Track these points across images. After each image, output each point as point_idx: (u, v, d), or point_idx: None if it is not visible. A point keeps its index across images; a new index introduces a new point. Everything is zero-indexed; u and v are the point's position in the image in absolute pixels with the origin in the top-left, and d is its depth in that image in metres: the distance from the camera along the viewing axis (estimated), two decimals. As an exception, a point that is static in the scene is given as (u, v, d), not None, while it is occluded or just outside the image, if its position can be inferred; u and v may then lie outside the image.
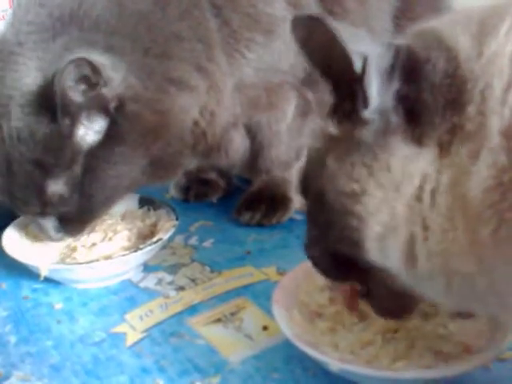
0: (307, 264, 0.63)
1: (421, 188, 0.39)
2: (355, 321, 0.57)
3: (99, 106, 0.66)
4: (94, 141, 0.67)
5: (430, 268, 0.40)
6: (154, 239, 0.73)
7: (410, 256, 0.40)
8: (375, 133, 0.41)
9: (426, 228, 0.39)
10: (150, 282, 0.73)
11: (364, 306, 0.58)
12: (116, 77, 0.66)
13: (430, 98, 0.39)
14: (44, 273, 0.70)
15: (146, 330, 0.64)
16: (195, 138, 0.76)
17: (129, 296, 0.71)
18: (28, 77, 0.65)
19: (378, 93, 0.40)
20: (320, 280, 0.62)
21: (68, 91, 0.62)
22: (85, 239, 0.76)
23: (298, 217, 0.88)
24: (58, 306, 0.70)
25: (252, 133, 0.86)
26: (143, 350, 0.61)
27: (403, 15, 0.90)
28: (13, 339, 0.64)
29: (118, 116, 0.67)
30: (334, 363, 0.51)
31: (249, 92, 0.81)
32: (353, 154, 0.42)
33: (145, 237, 0.77)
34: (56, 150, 0.65)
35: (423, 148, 0.39)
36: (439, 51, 0.40)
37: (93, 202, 0.70)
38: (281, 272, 0.72)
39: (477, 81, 0.38)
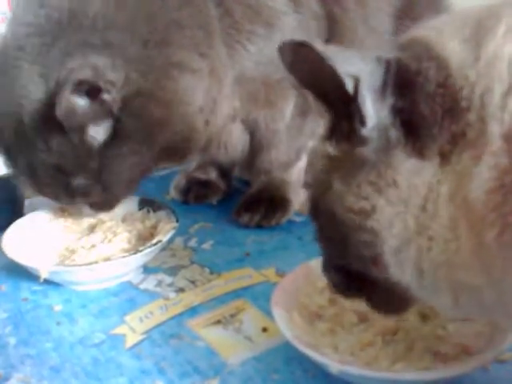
0: (307, 265, 0.64)
1: (426, 199, 0.39)
2: (355, 322, 0.57)
3: (104, 112, 0.67)
4: (102, 140, 0.68)
5: (436, 281, 0.40)
6: (154, 241, 0.73)
7: (418, 268, 0.40)
8: (377, 150, 0.41)
9: (430, 238, 0.39)
10: (150, 283, 0.73)
11: (363, 307, 0.58)
12: (117, 78, 0.66)
13: (427, 109, 0.39)
14: (44, 275, 0.70)
15: (146, 332, 0.64)
16: (201, 127, 0.77)
17: (128, 298, 0.71)
18: (32, 83, 0.66)
19: (373, 111, 0.40)
20: (320, 281, 0.62)
21: (70, 107, 0.63)
22: (84, 241, 0.76)
23: (298, 218, 0.88)
24: (58, 307, 0.70)
25: (250, 131, 0.86)
26: (143, 351, 0.61)
27: (403, 15, 0.90)
28: (12, 341, 0.64)
29: (122, 115, 0.68)
30: (334, 365, 0.51)
31: (248, 86, 0.81)
32: (357, 174, 0.42)
33: (144, 239, 0.77)
34: (70, 155, 0.68)
35: (426, 160, 0.39)
36: (429, 61, 0.40)
37: (114, 192, 0.73)
38: (280, 273, 0.72)
39: (474, 86, 0.38)
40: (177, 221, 0.77)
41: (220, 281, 0.72)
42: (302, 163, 0.90)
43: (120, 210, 0.81)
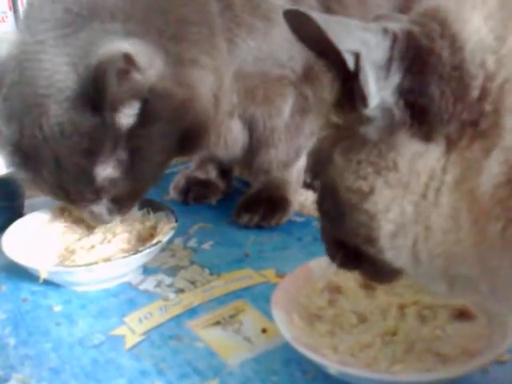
0: (306, 266, 0.64)
1: (427, 185, 0.37)
2: (354, 323, 0.57)
3: (135, 92, 0.67)
4: (132, 123, 0.69)
5: (432, 270, 0.39)
6: (154, 242, 0.73)
7: (414, 256, 0.39)
8: (380, 130, 0.39)
9: (427, 228, 0.38)
10: (150, 284, 0.73)
11: (363, 308, 0.58)
12: (145, 61, 0.67)
13: (437, 92, 0.36)
14: (43, 275, 0.70)
15: (145, 333, 0.64)
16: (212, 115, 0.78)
17: (128, 298, 0.71)
18: (59, 73, 0.66)
19: (376, 89, 0.37)
20: (319, 283, 0.62)
21: (109, 84, 0.64)
22: (84, 241, 0.76)
23: (298, 219, 0.88)
24: (58, 308, 0.70)
25: (249, 128, 0.86)
26: (142, 352, 0.61)
27: (402, 12, 0.90)
28: (12, 341, 0.64)
29: (150, 97, 0.69)
30: (333, 366, 0.51)
31: (246, 82, 0.81)
32: (359, 152, 0.40)
33: (144, 239, 0.77)
34: (100, 138, 0.67)
35: (431, 144, 0.37)
36: (443, 39, 0.36)
37: (143, 179, 0.73)
38: (280, 274, 0.72)
39: (494, 74, 0.35)
40: (176, 221, 0.77)
41: (220, 281, 0.72)
42: (302, 163, 0.90)
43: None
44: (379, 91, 0.37)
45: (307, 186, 0.93)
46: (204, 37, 0.75)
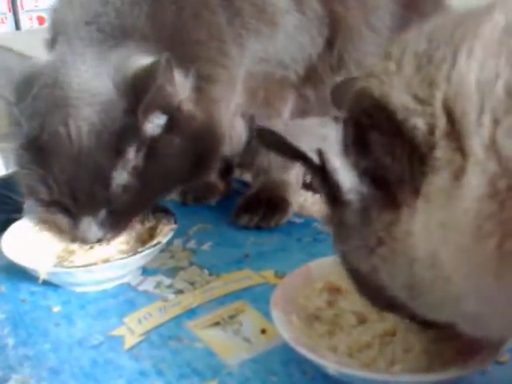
0: (306, 267, 0.64)
1: (408, 246, 0.39)
2: (353, 324, 0.57)
3: (167, 104, 0.70)
4: (155, 133, 0.71)
5: (447, 317, 0.41)
6: (153, 242, 0.73)
7: (431, 308, 0.41)
8: (357, 212, 0.41)
9: (420, 284, 0.39)
10: (149, 285, 0.73)
11: (362, 309, 0.58)
12: (177, 78, 0.70)
13: (389, 160, 0.39)
14: (42, 276, 0.70)
15: (145, 334, 0.64)
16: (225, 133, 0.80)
17: (127, 299, 0.71)
18: (95, 81, 0.69)
19: (344, 175, 0.41)
20: (318, 283, 0.62)
21: (150, 87, 0.66)
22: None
23: (297, 220, 0.88)
24: (56, 309, 0.70)
25: (249, 128, 0.86)
26: (141, 353, 0.61)
27: (405, 12, 0.90)
28: (11, 342, 0.64)
29: (177, 113, 0.71)
30: (332, 366, 0.51)
31: (250, 82, 0.82)
32: (349, 240, 0.43)
33: (143, 240, 0.77)
34: (128, 139, 0.69)
35: (400, 208, 0.39)
36: (378, 114, 0.40)
37: (151, 191, 0.73)
38: (279, 275, 0.72)
39: (433, 125, 0.37)
40: (175, 222, 0.77)
41: (219, 282, 0.72)
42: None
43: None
44: (347, 177, 0.41)
45: (307, 186, 0.93)
46: (216, 51, 0.77)
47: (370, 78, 0.43)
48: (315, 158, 0.40)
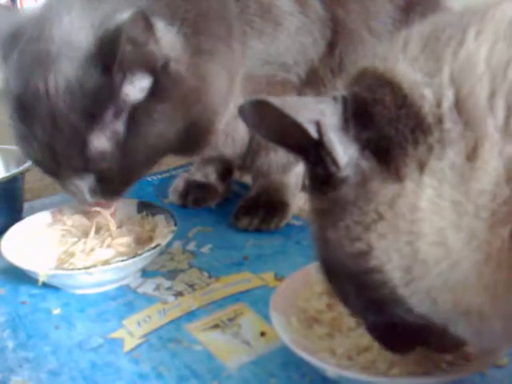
0: (305, 270, 0.64)
1: (412, 221, 0.38)
2: (352, 327, 0.57)
3: (148, 63, 0.67)
4: (138, 98, 0.68)
5: (446, 308, 0.38)
6: (153, 245, 0.73)
7: (429, 296, 0.39)
8: (354, 187, 0.40)
9: (424, 262, 0.37)
10: (148, 287, 0.73)
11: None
12: (164, 37, 0.68)
13: (393, 131, 0.39)
14: (42, 278, 0.70)
15: (144, 336, 0.64)
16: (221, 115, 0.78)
17: (127, 302, 0.71)
18: (78, 34, 0.66)
19: (342, 149, 0.40)
20: (318, 286, 0.62)
21: (121, 44, 0.63)
22: (83, 245, 0.77)
23: (296, 222, 0.88)
24: (56, 311, 0.70)
25: (250, 130, 0.86)
26: (141, 355, 0.61)
27: (405, 17, 0.90)
28: (10, 344, 0.64)
29: (162, 75, 0.68)
30: (331, 369, 0.51)
31: (252, 84, 0.82)
32: (344, 218, 0.41)
33: (143, 242, 0.78)
34: (103, 101, 0.66)
35: (404, 181, 0.38)
36: (382, 88, 0.40)
37: (133, 160, 0.71)
38: (278, 278, 0.72)
39: (441, 97, 0.37)
40: (175, 224, 0.78)
41: (218, 285, 0.72)
42: (301, 167, 0.90)
43: (118, 213, 0.82)
44: (345, 150, 0.40)
45: (306, 189, 0.93)
46: (222, 35, 0.76)
47: (374, 58, 0.43)
48: (312, 131, 0.39)
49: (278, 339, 0.56)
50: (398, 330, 0.44)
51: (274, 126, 0.41)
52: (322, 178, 0.42)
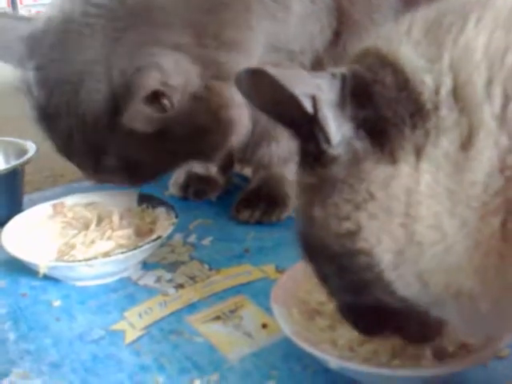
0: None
1: (407, 203, 0.37)
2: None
3: (158, 112, 0.68)
4: (143, 130, 0.69)
5: (438, 290, 0.38)
6: (153, 237, 0.73)
7: (421, 279, 0.38)
8: (346, 166, 0.40)
9: (419, 244, 0.37)
10: (149, 279, 0.73)
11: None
12: (179, 83, 0.68)
13: (391, 113, 0.38)
14: (43, 270, 0.70)
15: (145, 328, 0.64)
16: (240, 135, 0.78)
17: (128, 294, 0.71)
18: (97, 63, 0.67)
19: (336, 126, 0.39)
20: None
21: (140, 104, 0.66)
22: (84, 237, 0.76)
23: (297, 215, 0.88)
24: (57, 303, 0.70)
25: (253, 120, 0.86)
26: (142, 347, 0.61)
27: (407, 8, 0.90)
28: (12, 336, 0.64)
29: (173, 116, 0.69)
30: (333, 360, 0.51)
31: None
32: (333, 195, 0.40)
33: (144, 235, 0.77)
34: (111, 136, 0.69)
35: (398, 163, 0.38)
36: (383, 69, 0.39)
37: (137, 178, 0.76)
38: (280, 270, 0.72)
39: (440, 83, 0.37)
40: (176, 217, 0.77)
41: (219, 277, 0.72)
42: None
43: (119, 205, 0.81)
44: (339, 128, 0.39)
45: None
46: (242, 19, 0.75)
47: (378, 39, 0.42)
48: (308, 105, 0.38)
49: (280, 331, 0.56)
50: (373, 312, 0.44)
51: (268, 97, 0.40)
52: (313, 154, 0.41)
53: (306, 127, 0.40)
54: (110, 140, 0.70)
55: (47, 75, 0.70)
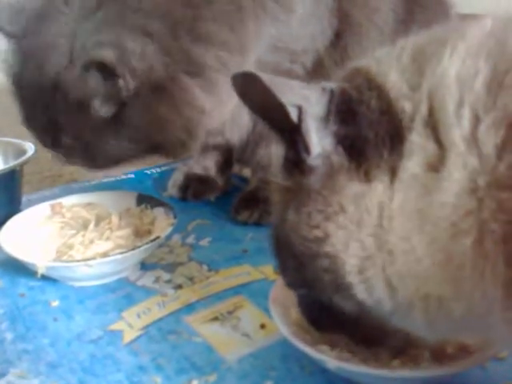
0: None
1: (380, 216, 0.40)
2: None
3: (113, 94, 0.68)
4: (103, 116, 0.69)
5: (407, 294, 0.40)
6: (152, 237, 0.73)
7: (388, 284, 0.40)
8: (322, 178, 0.42)
9: (389, 252, 0.39)
10: (148, 280, 0.73)
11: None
12: (141, 68, 0.67)
13: (371, 133, 0.40)
14: (41, 270, 0.70)
15: (144, 328, 0.64)
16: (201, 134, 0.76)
17: (126, 294, 0.70)
18: (63, 37, 0.69)
19: (317, 139, 0.41)
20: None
21: (79, 82, 0.66)
22: (82, 237, 0.76)
23: (296, 216, 0.88)
24: (55, 303, 0.69)
25: (253, 119, 0.86)
26: (140, 347, 0.61)
27: (407, 15, 0.90)
28: (9, 336, 0.64)
29: (129, 102, 0.68)
30: (331, 361, 0.51)
31: (260, 71, 0.81)
32: (307, 204, 0.43)
33: (142, 235, 0.77)
34: (67, 113, 0.70)
35: (373, 181, 0.40)
36: (370, 91, 0.41)
37: (96, 164, 0.75)
38: (278, 271, 0.72)
39: (416, 111, 0.39)
40: (175, 217, 0.77)
41: (218, 278, 0.72)
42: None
43: (118, 205, 0.81)
44: (320, 141, 0.41)
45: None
46: (229, 14, 0.73)
47: (370, 59, 0.44)
48: (294, 114, 0.40)
49: (278, 332, 0.56)
50: (325, 310, 0.46)
51: (258, 101, 0.42)
52: (293, 160, 0.43)
53: (290, 135, 0.42)
54: (67, 117, 0.70)
55: (21, 45, 0.72)
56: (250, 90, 0.41)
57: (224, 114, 0.77)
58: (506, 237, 0.34)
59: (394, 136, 0.40)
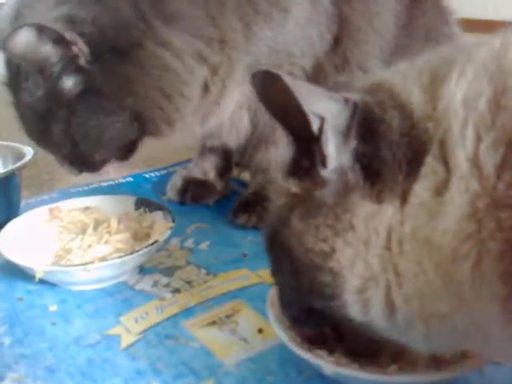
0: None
1: (388, 239, 0.39)
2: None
3: (72, 63, 0.69)
4: (74, 92, 0.70)
5: (409, 314, 0.40)
6: (150, 241, 0.73)
7: (389, 305, 0.40)
8: (335, 193, 0.41)
9: (398, 274, 0.39)
10: (146, 284, 0.73)
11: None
12: (91, 32, 0.68)
13: (389, 155, 0.39)
14: (39, 275, 0.70)
15: (141, 333, 0.63)
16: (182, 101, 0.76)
17: (124, 298, 0.70)
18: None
19: (336, 153, 0.40)
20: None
21: (21, 47, 0.67)
22: (80, 241, 0.76)
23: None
24: (53, 308, 0.69)
25: (252, 123, 0.86)
26: (138, 352, 0.61)
27: (406, 20, 0.90)
28: (7, 341, 0.64)
29: (92, 69, 0.69)
30: (329, 366, 0.51)
31: None
32: (316, 216, 0.42)
33: (141, 239, 0.77)
34: (43, 99, 0.71)
35: (384, 203, 0.40)
36: (393, 110, 0.40)
37: (81, 148, 0.74)
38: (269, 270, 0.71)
39: (433, 136, 0.39)
40: (173, 221, 0.77)
41: (216, 282, 0.72)
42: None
43: (116, 209, 0.81)
44: (338, 155, 0.40)
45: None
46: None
47: (393, 73, 0.43)
48: (315, 124, 0.39)
49: (276, 336, 0.56)
50: (313, 317, 0.47)
51: (278, 103, 0.41)
52: (306, 169, 0.42)
53: (307, 143, 0.41)
54: (43, 101, 0.70)
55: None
56: (271, 90, 0.40)
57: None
58: (502, 255, 0.35)
59: (412, 160, 0.39)
